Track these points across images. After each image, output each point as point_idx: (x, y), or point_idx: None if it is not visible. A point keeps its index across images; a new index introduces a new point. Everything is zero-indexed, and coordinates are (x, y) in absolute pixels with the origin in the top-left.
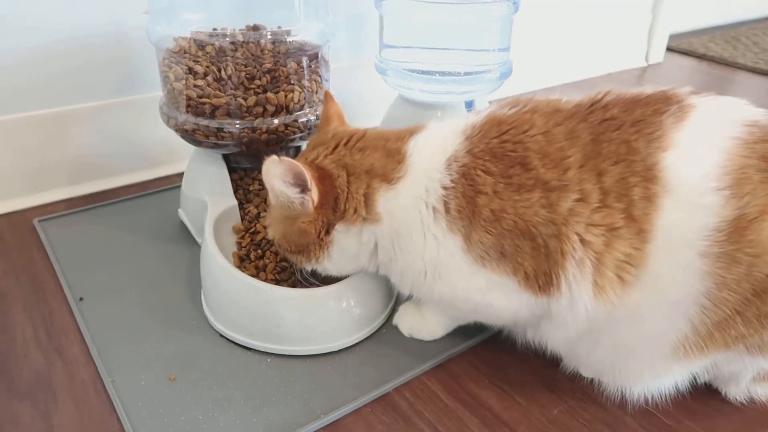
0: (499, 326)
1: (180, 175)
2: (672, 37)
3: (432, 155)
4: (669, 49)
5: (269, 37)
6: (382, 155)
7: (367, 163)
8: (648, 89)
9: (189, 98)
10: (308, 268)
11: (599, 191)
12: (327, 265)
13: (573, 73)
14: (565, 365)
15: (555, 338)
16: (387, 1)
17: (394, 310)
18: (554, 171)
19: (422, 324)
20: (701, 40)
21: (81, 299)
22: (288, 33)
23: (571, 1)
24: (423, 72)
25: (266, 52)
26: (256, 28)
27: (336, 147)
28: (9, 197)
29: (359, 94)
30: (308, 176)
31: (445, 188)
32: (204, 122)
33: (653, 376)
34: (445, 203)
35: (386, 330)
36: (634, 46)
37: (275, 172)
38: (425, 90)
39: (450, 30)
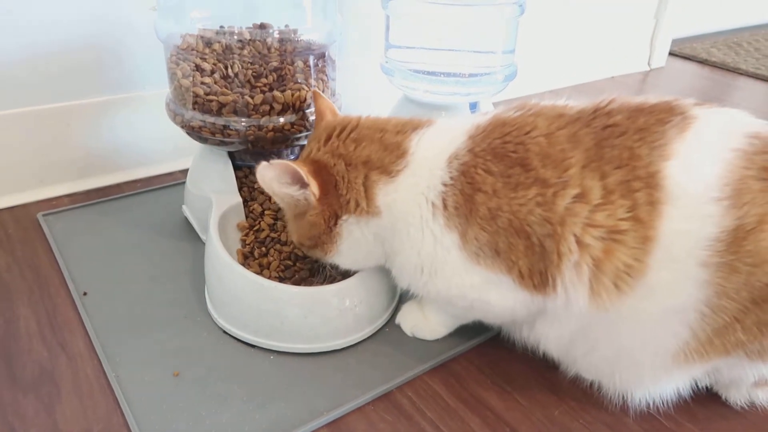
0: (498, 324)
1: (184, 171)
2: (674, 41)
3: (436, 152)
4: (671, 53)
5: (276, 35)
6: (378, 147)
7: (363, 155)
8: (652, 98)
9: (196, 95)
10: (327, 261)
11: (602, 188)
12: (341, 258)
13: (576, 77)
14: (563, 367)
15: (549, 337)
16: (393, 2)
17: (397, 310)
18: (554, 170)
19: (424, 323)
20: (703, 45)
21: (85, 294)
22: (295, 32)
23: (574, 4)
24: (428, 73)
25: (273, 50)
26: (263, 26)
27: (328, 138)
28: (13, 191)
29: (364, 94)
30: (302, 172)
31: (444, 185)
32: (210, 119)
33: (654, 381)
34: (444, 200)
35: (389, 329)
36: (636, 50)
37: (270, 176)
38: (430, 91)
39: (456, 31)
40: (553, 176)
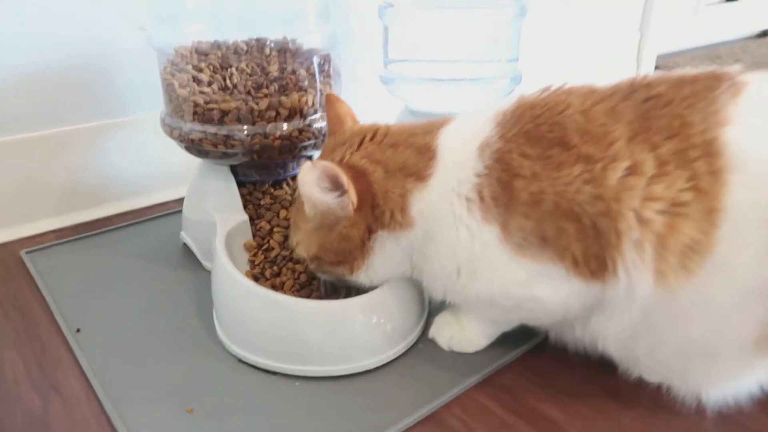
0: (547, 325)
1: (178, 201)
2: (659, 57)
3: (463, 145)
4: (657, 68)
5: (273, 46)
6: (413, 152)
7: (400, 161)
8: (692, 70)
9: (196, 104)
10: (350, 279)
11: (654, 159)
12: (369, 275)
13: None
14: (624, 369)
15: (608, 333)
16: (390, 10)
17: (428, 323)
18: (597, 146)
19: (462, 335)
20: (685, 59)
21: (78, 331)
22: (294, 41)
23: (561, 19)
24: (428, 81)
25: (272, 60)
26: (259, 41)
27: (361, 143)
28: None
29: (364, 105)
30: (344, 177)
31: (478, 176)
32: (212, 130)
33: (733, 375)
34: (479, 192)
35: (422, 344)
36: (623, 65)
37: (311, 179)
38: (431, 100)
39: (455, 39)
40: (597, 152)
